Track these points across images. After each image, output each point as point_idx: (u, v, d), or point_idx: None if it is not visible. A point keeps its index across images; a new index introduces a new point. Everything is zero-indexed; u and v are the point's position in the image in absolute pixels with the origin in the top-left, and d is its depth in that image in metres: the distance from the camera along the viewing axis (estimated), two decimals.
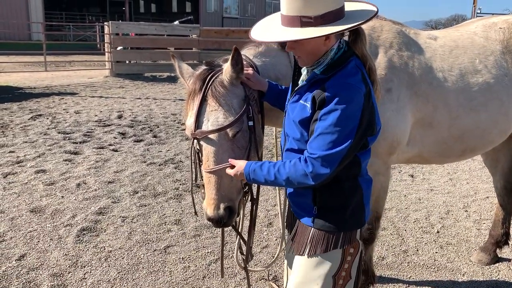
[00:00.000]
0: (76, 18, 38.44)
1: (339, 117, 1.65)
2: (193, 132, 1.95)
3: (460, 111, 2.69)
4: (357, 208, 1.88)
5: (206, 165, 1.95)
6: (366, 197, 1.91)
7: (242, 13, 40.41)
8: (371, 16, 1.72)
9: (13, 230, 3.97)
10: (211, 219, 1.98)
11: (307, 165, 1.69)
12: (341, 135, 1.66)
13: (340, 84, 1.69)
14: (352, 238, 1.87)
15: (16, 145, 6.52)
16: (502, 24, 2.99)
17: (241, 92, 1.99)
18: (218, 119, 1.91)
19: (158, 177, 5.42)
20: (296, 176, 1.71)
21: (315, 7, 1.66)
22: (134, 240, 3.88)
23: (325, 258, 1.86)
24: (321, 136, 1.68)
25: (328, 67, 1.76)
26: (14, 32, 23.94)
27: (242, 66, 1.96)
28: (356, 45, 1.80)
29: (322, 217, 1.85)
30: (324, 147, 1.67)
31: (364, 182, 1.89)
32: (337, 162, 1.68)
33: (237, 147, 1.96)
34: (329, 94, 1.68)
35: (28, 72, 14.75)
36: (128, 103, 10.22)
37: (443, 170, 5.97)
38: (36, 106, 9.51)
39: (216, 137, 1.92)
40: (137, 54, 15.77)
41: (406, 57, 2.60)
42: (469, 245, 3.95)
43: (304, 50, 1.77)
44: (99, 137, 7.17)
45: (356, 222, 1.89)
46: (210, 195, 1.96)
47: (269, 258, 3.62)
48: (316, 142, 1.69)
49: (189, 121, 1.99)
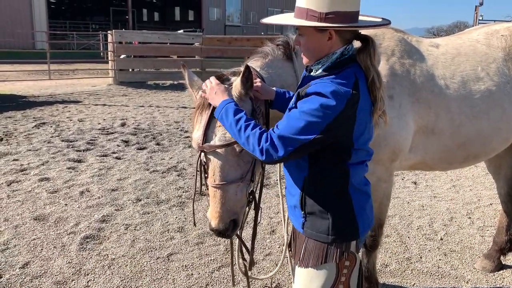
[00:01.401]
0: (80, 27, 38.74)
1: (313, 109, 1.65)
2: (201, 146, 1.97)
3: (462, 118, 2.69)
4: (346, 220, 1.84)
5: (212, 179, 1.98)
6: (358, 210, 1.86)
7: (245, 21, 40.64)
8: (373, 25, 1.73)
9: (17, 238, 3.98)
10: (214, 230, 2.01)
11: (265, 138, 1.70)
12: (306, 126, 1.66)
13: (325, 83, 1.70)
14: (346, 251, 1.84)
15: (20, 153, 6.55)
16: (504, 32, 3.00)
17: (249, 107, 2.01)
18: (226, 134, 1.93)
19: (161, 184, 5.43)
20: (253, 142, 1.72)
21: (322, 3, 1.68)
22: (137, 247, 3.88)
23: (319, 271, 1.85)
24: (289, 119, 1.71)
25: (325, 69, 1.78)
26: (18, 41, 24.12)
27: (252, 83, 1.98)
28: (361, 56, 1.78)
29: (310, 224, 1.85)
30: (287, 130, 1.68)
31: (356, 194, 1.85)
32: (291, 149, 1.68)
33: (242, 161, 1.98)
34: (311, 89, 1.71)
35: (32, 80, 14.85)
36: (131, 111, 10.26)
37: (446, 177, 5.96)
38: (40, 114, 9.57)
39: (223, 152, 1.94)
40: (140, 62, 15.88)
41: (408, 65, 2.62)
42: (473, 252, 3.93)
43: (307, 46, 1.80)
44: (103, 145, 7.19)
45: (345, 235, 1.84)
46: (215, 208, 1.98)
47: (272, 266, 3.62)
48: (283, 123, 1.72)
49: (197, 134, 2.01)
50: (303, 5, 1.74)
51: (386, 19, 1.87)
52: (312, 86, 1.71)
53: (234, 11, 40.76)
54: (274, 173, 5.49)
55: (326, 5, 1.68)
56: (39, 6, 28.32)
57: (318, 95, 1.67)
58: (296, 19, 1.77)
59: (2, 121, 8.69)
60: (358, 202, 1.86)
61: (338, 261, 1.83)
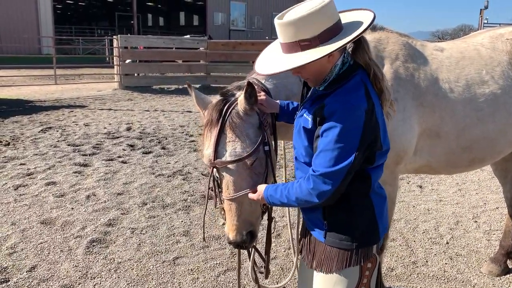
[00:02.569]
0: (86, 32, 39.07)
1: (339, 133, 1.64)
2: (212, 162, 2.00)
3: (467, 122, 2.69)
4: (369, 224, 1.85)
5: (227, 193, 2.01)
6: (379, 213, 1.87)
7: (249, 26, 40.78)
8: (368, 24, 1.69)
9: (24, 242, 4.01)
10: (232, 243, 2.05)
11: (309, 182, 1.70)
12: (342, 152, 1.65)
13: (339, 101, 1.69)
14: (369, 254, 1.85)
15: (26, 157, 6.60)
16: (509, 35, 3.00)
17: (255, 120, 2.03)
18: (236, 149, 1.96)
19: (167, 188, 5.45)
20: (303, 195, 1.73)
21: (310, 29, 1.66)
22: (143, 251, 3.90)
23: (343, 275, 1.84)
24: (322, 153, 1.69)
25: (330, 82, 1.77)
26: (25, 46, 24.37)
27: (256, 98, 2.00)
28: (358, 54, 1.78)
29: (333, 233, 1.84)
30: (326, 164, 1.67)
31: (376, 198, 1.87)
32: (340, 179, 1.67)
33: (254, 173, 2.02)
34: (327, 111, 1.68)
35: (38, 85, 14.96)
36: (136, 115, 10.31)
37: (452, 181, 5.94)
38: (46, 119, 9.64)
39: (235, 167, 1.98)
40: (146, 67, 15.97)
41: (412, 69, 2.63)
42: (479, 256, 3.92)
43: (310, 72, 1.78)
44: (108, 149, 7.24)
45: (369, 239, 1.86)
46: (232, 221, 2.02)
47: (278, 270, 3.62)
48: (318, 159, 1.70)
49: (207, 151, 2.04)
50: (291, 39, 1.69)
51: (366, 9, 1.83)
52: (327, 107, 1.69)
53: (239, 15, 40.90)
54: (279, 177, 5.50)
55: (313, 30, 1.66)
56: (45, 11, 28.57)
57: (336, 119, 1.66)
58: (295, 54, 1.70)
59: (9, 126, 8.76)
60: (378, 205, 1.87)
61: (362, 264, 1.84)
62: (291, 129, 2.07)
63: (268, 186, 1.90)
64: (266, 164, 2.04)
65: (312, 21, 1.66)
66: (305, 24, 1.66)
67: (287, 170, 3.33)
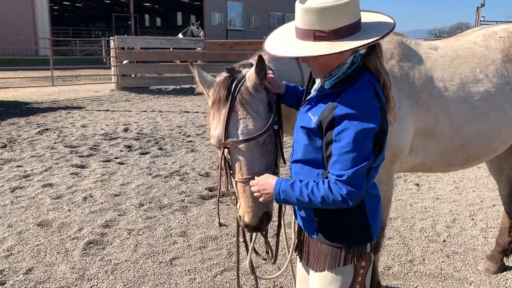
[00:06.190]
0: (83, 33, 38.99)
1: (355, 134, 1.61)
2: (223, 142, 1.93)
3: (462, 120, 2.70)
4: (360, 223, 1.84)
5: (240, 174, 1.95)
6: (371, 212, 1.86)
7: (246, 26, 40.72)
8: (387, 32, 1.67)
9: (20, 244, 4.00)
10: (248, 226, 1.98)
11: (340, 187, 1.64)
12: (360, 152, 1.63)
13: (349, 102, 1.65)
14: (362, 253, 1.85)
15: (23, 159, 6.59)
16: (502, 33, 3.01)
17: (264, 97, 1.99)
18: (248, 127, 1.90)
19: (164, 189, 5.45)
20: (333, 198, 1.66)
21: (330, 21, 1.63)
22: (140, 252, 3.90)
23: (337, 274, 1.85)
24: (341, 157, 1.64)
25: (338, 81, 1.74)
26: (21, 48, 24.30)
27: (266, 73, 1.96)
28: (370, 59, 1.75)
29: (324, 230, 1.85)
30: (348, 166, 1.63)
31: (368, 197, 1.84)
32: (365, 178, 1.66)
33: (266, 152, 1.96)
34: (340, 112, 1.64)
35: (35, 87, 14.93)
36: (134, 116, 10.30)
37: (449, 179, 5.95)
38: (43, 120, 9.62)
39: (247, 145, 1.91)
40: (143, 67, 15.95)
41: (406, 68, 2.63)
42: (476, 254, 3.93)
43: (317, 63, 1.76)
44: (105, 150, 7.23)
45: (361, 238, 1.85)
46: (246, 203, 1.95)
47: (275, 269, 3.62)
48: (338, 164, 1.65)
49: (217, 131, 1.95)
50: (306, 26, 1.67)
51: (387, 15, 1.81)
52: (339, 108, 1.66)
53: (236, 15, 40.84)
54: None
55: (332, 23, 1.63)
56: (42, 13, 28.49)
57: (349, 120, 1.63)
58: (306, 43, 1.68)
59: (5, 128, 8.75)
60: (370, 205, 1.86)
61: (356, 262, 1.84)
62: (291, 122, 2.04)
63: (280, 180, 1.76)
64: (276, 143, 2.00)
65: (334, 14, 1.63)
66: (325, 15, 1.63)
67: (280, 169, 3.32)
